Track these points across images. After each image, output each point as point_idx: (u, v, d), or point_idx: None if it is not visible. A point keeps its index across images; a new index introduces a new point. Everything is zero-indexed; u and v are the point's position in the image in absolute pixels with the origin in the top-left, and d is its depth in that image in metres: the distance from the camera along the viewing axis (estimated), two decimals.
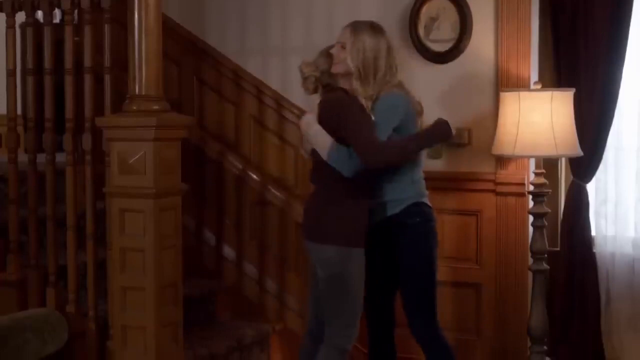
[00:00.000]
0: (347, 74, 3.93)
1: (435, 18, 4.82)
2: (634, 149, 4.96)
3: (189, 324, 4.59)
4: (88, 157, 4.35)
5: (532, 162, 4.65)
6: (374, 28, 3.99)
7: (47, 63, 4.45)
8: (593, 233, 5.01)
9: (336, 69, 3.96)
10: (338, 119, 3.85)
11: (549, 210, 4.58)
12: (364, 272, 3.90)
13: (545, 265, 4.58)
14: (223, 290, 5.23)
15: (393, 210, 3.96)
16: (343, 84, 3.98)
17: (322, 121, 3.89)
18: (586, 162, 4.82)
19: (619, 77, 4.81)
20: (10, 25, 4.56)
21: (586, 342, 4.99)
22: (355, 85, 3.91)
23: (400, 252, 4.00)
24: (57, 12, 5.17)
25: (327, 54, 4.04)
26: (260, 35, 5.41)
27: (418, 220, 3.98)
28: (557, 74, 4.97)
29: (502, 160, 4.75)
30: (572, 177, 4.95)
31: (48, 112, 4.46)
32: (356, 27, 3.97)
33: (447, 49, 4.87)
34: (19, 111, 4.73)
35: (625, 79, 4.83)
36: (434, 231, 4.04)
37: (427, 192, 4.08)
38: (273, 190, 5.22)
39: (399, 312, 4.14)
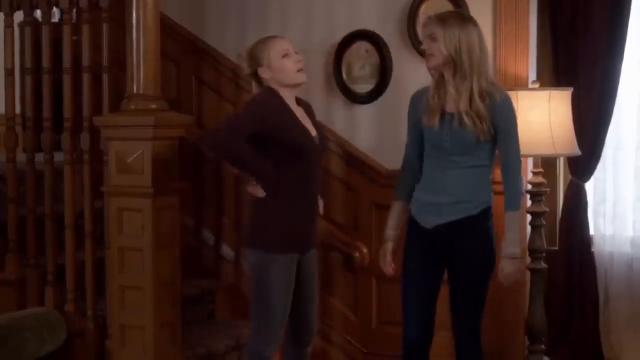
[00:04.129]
0: (441, 66, 3.72)
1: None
2: (633, 147, 4.96)
3: (187, 323, 4.61)
4: (86, 156, 4.36)
5: (530, 161, 4.64)
6: (462, 16, 3.81)
7: (46, 62, 4.45)
8: (591, 232, 5.01)
9: (430, 62, 3.76)
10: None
11: (547, 210, 4.58)
12: (287, 281, 3.85)
13: (543, 264, 4.58)
14: (222, 289, 5.22)
15: (470, 211, 3.76)
16: (436, 76, 3.79)
17: None
18: (585, 161, 4.83)
19: (618, 76, 4.81)
20: (9, 25, 4.57)
21: (585, 342, 4.99)
22: (448, 77, 3.70)
23: (470, 253, 3.79)
24: (56, 11, 5.18)
25: (247, 56, 3.96)
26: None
27: (489, 223, 3.84)
28: (556, 73, 4.97)
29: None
30: (570, 176, 4.96)
31: (46, 111, 4.47)
32: (443, 17, 3.78)
33: None
34: (17, 110, 4.73)
35: (624, 77, 4.83)
36: None
37: None
38: None
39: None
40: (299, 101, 3.96)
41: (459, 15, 3.85)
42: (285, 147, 3.78)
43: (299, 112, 3.90)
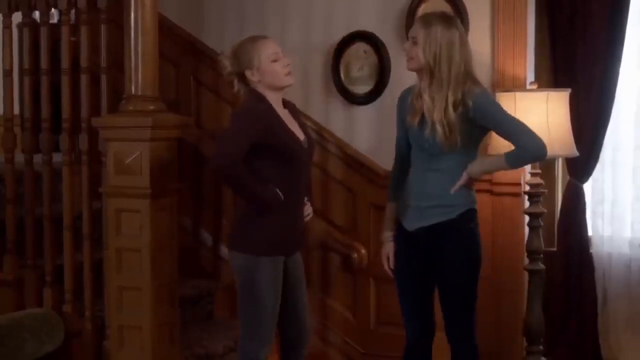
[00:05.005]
0: (420, 71, 3.70)
1: None
2: (631, 148, 4.96)
3: (186, 323, 4.62)
4: (85, 158, 4.36)
5: None
6: (446, 19, 3.74)
7: (44, 63, 4.46)
8: (590, 233, 5.01)
9: (410, 65, 3.72)
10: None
11: (545, 211, 4.57)
12: (275, 282, 3.82)
13: (541, 265, 4.57)
14: (220, 290, 5.22)
15: (449, 215, 3.72)
16: (418, 82, 3.75)
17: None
18: (583, 162, 4.83)
19: (616, 76, 4.81)
20: (7, 26, 4.57)
21: (583, 342, 4.99)
22: (424, 85, 3.67)
23: (453, 257, 3.76)
24: (55, 13, 5.19)
25: (233, 55, 3.90)
26: None
27: (472, 225, 3.81)
28: (554, 74, 4.97)
29: None
30: (568, 177, 4.96)
31: (45, 112, 4.47)
32: (427, 20, 3.71)
33: None
34: (16, 111, 4.73)
35: (622, 78, 4.84)
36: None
37: None
38: None
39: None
40: (284, 103, 3.93)
41: (445, 19, 3.74)
42: (274, 152, 3.75)
43: (285, 116, 3.87)
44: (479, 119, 3.67)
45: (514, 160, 3.74)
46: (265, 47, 3.83)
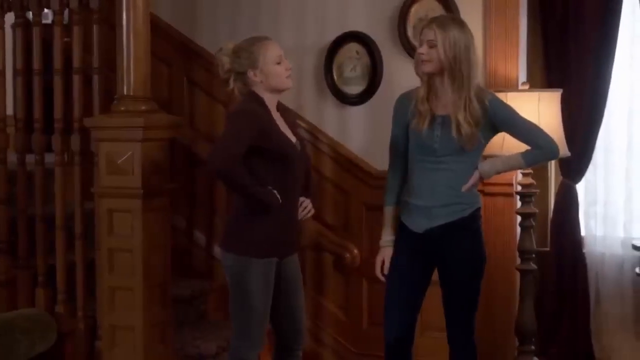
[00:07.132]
0: (435, 73, 3.72)
1: (423, 19, 4.76)
2: (623, 149, 4.98)
3: (179, 324, 4.62)
4: (77, 158, 4.36)
5: None
6: (459, 22, 3.77)
7: (36, 63, 4.46)
8: (583, 233, 5.02)
9: (427, 67, 3.71)
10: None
11: (537, 211, 4.58)
12: (266, 285, 3.79)
13: (533, 265, 4.57)
14: (214, 290, 5.22)
15: (462, 214, 3.76)
16: (425, 79, 3.77)
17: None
18: (576, 163, 4.84)
19: (608, 77, 4.83)
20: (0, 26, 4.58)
21: (576, 342, 5.00)
22: (447, 83, 3.70)
23: (463, 255, 3.78)
24: (50, 13, 5.19)
25: (234, 55, 3.83)
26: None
27: (479, 223, 3.86)
28: (546, 74, 4.98)
29: None
30: (561, 177, 4.97)
31: (37, 112, 4.47)
32: (443, 23, 3.73)
33: None
34: (9, 111, 4.73)
35: (615, 79, 4.85)
36: None
37: None
38: None
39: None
40: (277, 105, 3.91)
41: (457, 20, 3.83)
42: (269, 155, 3.73)
43: (279, 119, 3.85)
44: (493, 119, 3.74)
45: (532, 160, 3.85)
46: (270, 49, 3.82)
